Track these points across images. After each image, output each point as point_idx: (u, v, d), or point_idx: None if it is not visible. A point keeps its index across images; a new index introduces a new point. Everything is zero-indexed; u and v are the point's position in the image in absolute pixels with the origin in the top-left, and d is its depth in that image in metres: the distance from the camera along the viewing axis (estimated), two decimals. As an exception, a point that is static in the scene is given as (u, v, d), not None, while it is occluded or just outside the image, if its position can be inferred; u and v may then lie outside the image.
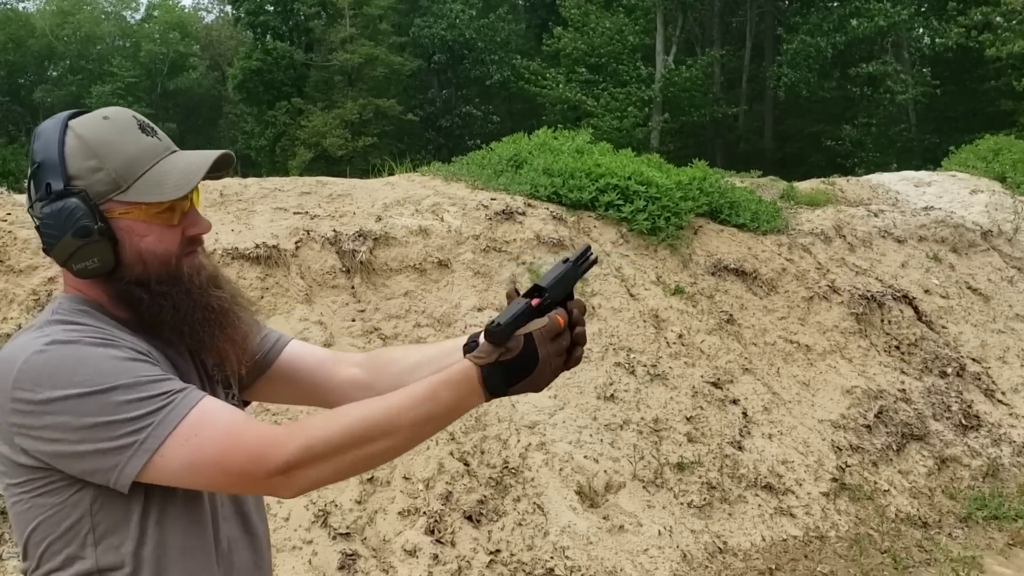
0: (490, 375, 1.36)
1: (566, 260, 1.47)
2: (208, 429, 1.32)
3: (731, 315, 5.95)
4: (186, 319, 1.44)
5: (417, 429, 1.38)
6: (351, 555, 3.66)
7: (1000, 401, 6.28)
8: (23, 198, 4.80)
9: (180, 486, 1.37)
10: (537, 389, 1.40)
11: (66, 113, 1.45)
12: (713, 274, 6.19)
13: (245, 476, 1.34)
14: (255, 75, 31.61)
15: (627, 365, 5.23)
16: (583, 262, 1.49)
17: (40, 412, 1.30)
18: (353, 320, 4.86)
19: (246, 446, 1.32)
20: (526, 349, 1.35)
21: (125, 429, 1.30)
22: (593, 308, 5.47)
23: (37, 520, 1.38)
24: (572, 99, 27.19)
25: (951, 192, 8.57)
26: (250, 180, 5.70)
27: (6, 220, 4.37)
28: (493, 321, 1.35)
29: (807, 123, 29.42)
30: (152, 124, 1.47)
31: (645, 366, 5.28)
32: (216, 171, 1.47)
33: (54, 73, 44.63)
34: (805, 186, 8.27)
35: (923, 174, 9.16)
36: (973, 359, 6.55)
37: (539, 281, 1.42)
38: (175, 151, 1.46)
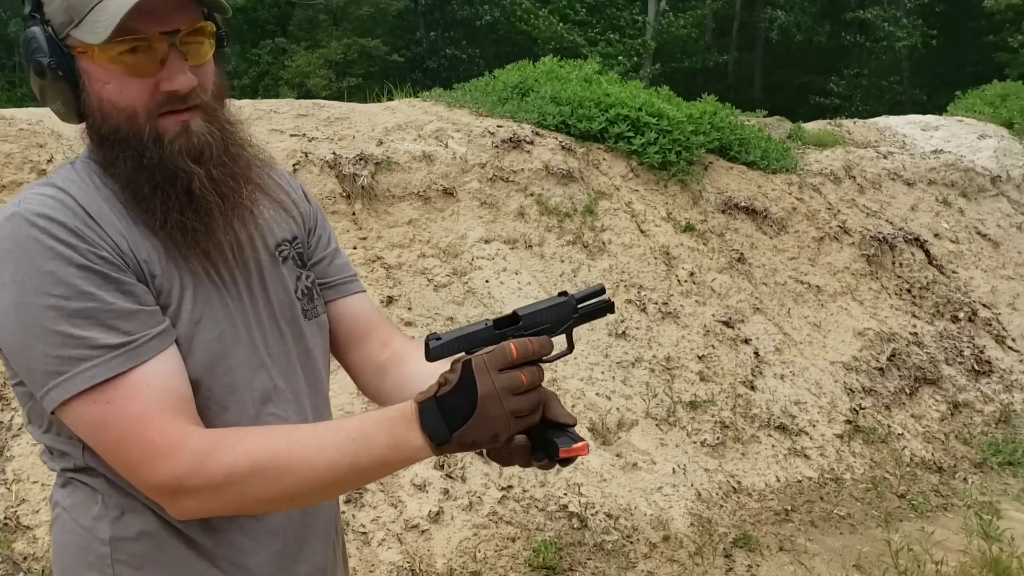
0: (427, 413, 1.04)
1: (563, 293, 1.16)
2: (123, 404, 1.07)
3: (741, 254, 5.75)
4: (135, 190, 1.15)
5: (339, 473, 1.07)
6: (357, 489, 3.47)
7: (1011, 348, 6.14)
8: (7, 112, 4.50)
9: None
10: (493, 439, 1.05)
11: None
12: (723, 212, 5.98)
13: (133, 475, 1.10)
14: (238, 13, 30.74)
15: (638, 302, 5.04)
16: (587, 302, 1.16)
17: None
18: (355, 248, 4.63)
19: (144, 443, 1.06)
20: (464, 379, 1.04)
21: (39, 366, 1.07)
22: (603, 244, 5.26)
23: (28, 407, 1.20)
24: (568, 38, 26.58)
25: (959, 136, 8.35)
26: (244, 101, 5.41)
27: (-14, 133, 4.08)
28: (434, 334, 1.06)
29: (796, 74, 28.99)
30: None
31: (656, 303, 5.09)
32: (203, 7, 1.16)
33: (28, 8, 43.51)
34: (812, 127, 8.03)
35: (930, 118, 8.93)
36: (984, 305, 6.40)
37: (519, 309, 1.12)
38: None
